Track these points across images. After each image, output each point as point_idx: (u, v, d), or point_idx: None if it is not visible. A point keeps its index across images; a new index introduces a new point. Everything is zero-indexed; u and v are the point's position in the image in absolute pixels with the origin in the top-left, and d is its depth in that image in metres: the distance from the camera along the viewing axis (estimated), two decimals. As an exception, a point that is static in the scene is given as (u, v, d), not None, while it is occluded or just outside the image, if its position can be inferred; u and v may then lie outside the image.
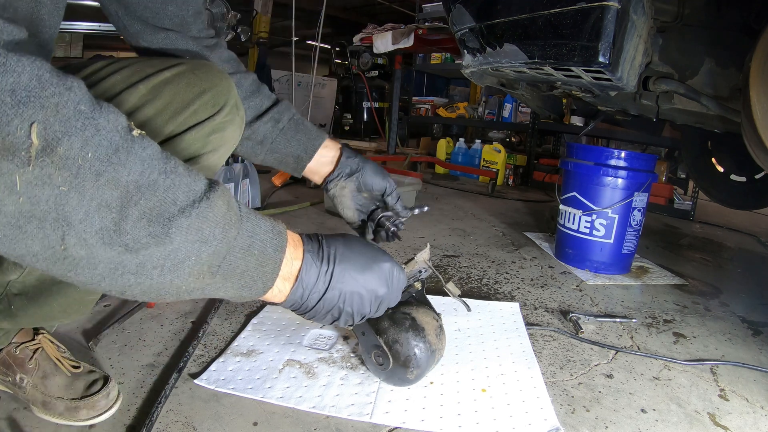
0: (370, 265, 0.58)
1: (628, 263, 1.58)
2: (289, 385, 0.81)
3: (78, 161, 0.32)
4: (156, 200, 0.36)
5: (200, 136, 0.58)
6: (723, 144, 2.04)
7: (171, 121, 0.55)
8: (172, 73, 0.56)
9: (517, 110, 3.60)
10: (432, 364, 0.81)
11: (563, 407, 0.81)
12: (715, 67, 1.16)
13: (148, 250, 0.36)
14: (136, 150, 0.35)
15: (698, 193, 2.59)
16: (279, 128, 0.82)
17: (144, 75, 0.55)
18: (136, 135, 0.35)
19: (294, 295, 0.52)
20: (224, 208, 0.41)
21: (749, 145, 1.00)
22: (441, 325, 0.83)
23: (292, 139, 0.83)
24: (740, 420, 0.82)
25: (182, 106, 0.56)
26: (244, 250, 0.44)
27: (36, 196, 0.31)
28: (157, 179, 0.36)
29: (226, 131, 0.61)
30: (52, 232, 0.32)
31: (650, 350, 1.05)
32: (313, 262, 0.53)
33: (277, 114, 0.82)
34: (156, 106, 0.54)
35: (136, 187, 0.35)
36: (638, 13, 1.05)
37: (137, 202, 0.35)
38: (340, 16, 7.97)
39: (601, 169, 1.48)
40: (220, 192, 0.41)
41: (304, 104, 5.92)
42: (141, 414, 0.72)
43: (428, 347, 0.78)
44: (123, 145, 0.34)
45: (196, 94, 0.57)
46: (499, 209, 2.50)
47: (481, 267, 1.52)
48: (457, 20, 1.39)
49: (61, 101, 0.30)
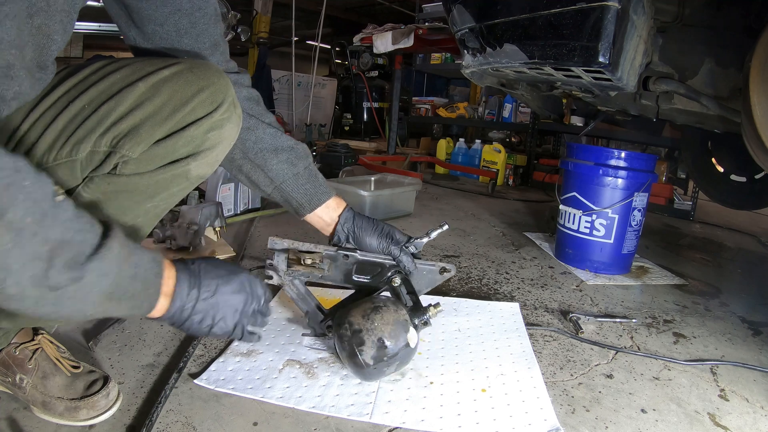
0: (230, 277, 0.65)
1: (628, 263, 1.57)
2: (289, 385, 0.81)
3: (20, 225, 0.41)
4: (73, 252, 0.45)
5: (199, 133, 0.59)
6: (723, 144, 2.04)
7: (170, 119, 0.56)
8: (170, 71, 0.58)
9: (517, 110, 3.60)
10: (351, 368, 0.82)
11: (563, 407, 0.81)
12: (715, 67, 1.16)
13: (66, 288, 0.45)
14: (59, 214, 0.44)
15: (698, 193, 2.59)
16: (293, 172, 0.86)
17: (143, 73, 0.57)
18: (58, 201, 0.44)
19: (173, 308, 0.59)
20: (117, 249, 0.50)
21: (749, 145, 1.00)
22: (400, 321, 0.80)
23: (301, 187, 0.87)
24: (740, 420, 0.82)
25: (181, 104, 0.57)
26: (131, 278, 0.52)
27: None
28: (73, 236, 0.46)
29: (224, 128, 0.62)
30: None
31: (650, 350, 1.04)
32: (185, 280, 0.60)
33: (294, 158, 0.86)
34: (155, 103, 0.56)
35: (60, 243, 0.44)
36: (638, 13, 1.05)
37: (60, 254, 0.44)
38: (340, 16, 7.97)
39: (601, 169, 1.48)
40: (114, 235, 0.49)
41: (304, 104, 5.93)
42: (141, 414, 0.72)
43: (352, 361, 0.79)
44: (50, 212, 0.43)
45: (194, 91, 0.58)
46: (499, 209, 2.50)
47: (481, 267, 1.52)
48: (457, 20, 1.39)
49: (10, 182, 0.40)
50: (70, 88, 0.57)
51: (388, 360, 0.78)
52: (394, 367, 0.80)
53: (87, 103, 0.56)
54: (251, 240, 1.61)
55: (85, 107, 0.55)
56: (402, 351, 0.79)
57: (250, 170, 0.84)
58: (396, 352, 0.78)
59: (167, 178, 0.60)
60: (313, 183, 0.88)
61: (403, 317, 0.81)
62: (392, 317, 0.79)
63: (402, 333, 0.79)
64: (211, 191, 1.79)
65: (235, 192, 1.89)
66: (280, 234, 1.71)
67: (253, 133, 0.82)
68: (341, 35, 6.83)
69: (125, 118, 0.55)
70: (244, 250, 1.49)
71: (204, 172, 0.64)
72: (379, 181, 2.34)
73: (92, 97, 0.56)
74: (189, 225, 1.39)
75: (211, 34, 0.75)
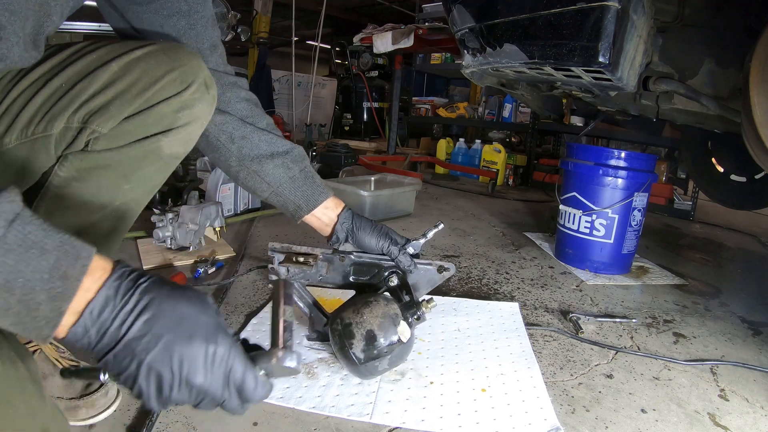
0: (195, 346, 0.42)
1: (628, 263, 1.58)
2: (288, 385, 0.81)
3: None
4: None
5: (169, 111, 0.60)
6: (723, 144, 2.04)
7: (139, 96, 0.58)
8: (143, 51, 0.59)
9: (517, 110, 3.60)
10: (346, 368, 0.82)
11: (563, 407, 0.81)
12: (715, 67, 1.16)
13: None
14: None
15: (698, 193, 2.59)
16: (289, 176, 0.86)
17: (117, 53, 0.59)
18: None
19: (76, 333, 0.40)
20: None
21: (749, 145, 1.00)
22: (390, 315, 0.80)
23: (298, 189, 0.87)
24: (740, 420, 0.82)
25: (150, 83, 0.58)
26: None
27: None
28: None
29: (195, 108, 0.63)
30: None
31: (650, 350, 1.05)
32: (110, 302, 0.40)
33: (290, 162, 0.86)
34: (126, 81, 0.57)
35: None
36: (638, 13, 1.05)
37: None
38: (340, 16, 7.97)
39: (601, 169, 1.48)
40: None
41: (304, 104, 5.93)
42: (141, 414, 0.72)
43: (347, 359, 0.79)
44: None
45: (164, 71, 0.59)
46: (499, 209, 2.50)
47: (481, 267, 1.52)
48: (457, 20, 1.39)
49: None
50: (51, 67, 0.59)
51: (379, 353, 0.78)
52: (386, 362, 0.80)
53: (64, 81, 0.57)
54: (251, 240, 1.61)
55: (62, 85, 0.57)
56: (393, 345, 0.79)
57: (246, 177, 0.85)
58: (386, 346, 0.78)
59: (139, 155, 0.60)
60: (310, 184, 0.89)
61: (393, 311, 0.81)
62: (381, 310, 0.80)
63: (391, 326, 0.79)
64: (211, 191, 1.79)
65: (235, 192, 1.89)
66: (280, 234, 1.71)
67: (249, 141, 0.83)
68: (341, 35, 6.83)
69: (97, 96, 0.57)
70: (244, 250, 1.49)
71: (176, 151, 0.65)
72: (379, 181, 2.34)
73: (69, 75, 0.57)
74: (189, 225, 1.39)
75: (210, 36, 0.77)
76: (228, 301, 1.12)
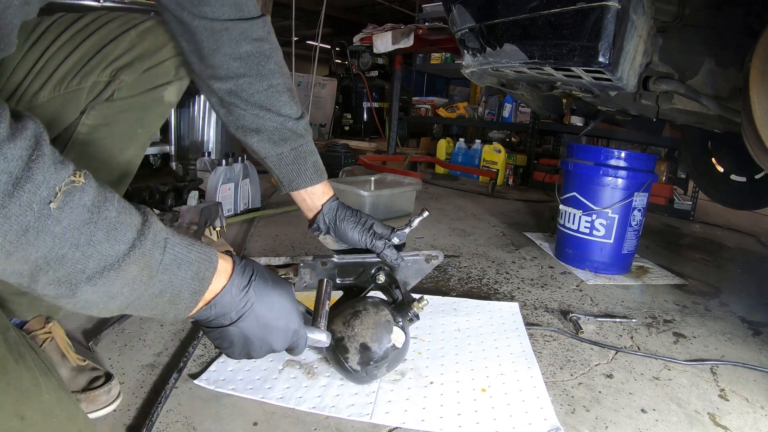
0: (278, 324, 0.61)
1: (628, 263, 1.58)
2: (288, 385, 0.81)
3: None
4: (64, 271, 0.40)
5: (171, 68, 0.76)
6: (723, 144, 2.04)
7: (153, 56, 0.73)
8: (150, 23, 0.74)
9: (517, 110, 3.60)
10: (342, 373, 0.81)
11: (563, 407, 0.81)
12: (715, 67, 1.16)
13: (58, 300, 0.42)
14: (49, 226, 0.38)
15: (698, 193, 2.59)
16: (276, 152, 0.81)
17: (132, 24, 0.72)
18: (54, 208, 0.38)
19: (201, 315, 0.55)
20: (136, 271, 0.44)
21: (749, 145, 1.00)
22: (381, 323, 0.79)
23: (284, 167, 0.83)
24: (740, 420, 0.82)
25: (159, 47, 0.74)
26: (154, 296, 0.48)
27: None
28: (66, 253, 0.39)
29: (184, 66, 0.77)
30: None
31: (650, 350, 1.05)
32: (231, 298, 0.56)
33: (279, 139, 0.80)
34: (144, 45, 0.72)
35: (45, 261, 0.39)
36: (638, 13, 1.05)
37: (46, 272, 0.39)
38: (340, 16, 7.97)
39: (601, 169, 1.48)
40: (138, 255, 0.44)
41: (304, 104, 5.90)
42: (141, 414, 0.72)
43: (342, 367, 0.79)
44: (34, 225, 0.37)
45: (166, 40, 0.74)
46: (499, 209, 2.50)
47: (481, 267, 1.52)
48: (457, 20, 1.39)
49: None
50: (73, 34, 0.70)
51: (376, 363, 0.77)
52: (384, 368, 0.80)
53: (92, 45, 0.69)
54: (251, 240, 1.61)
55: (90, 49, 0.69)
56: (389, 352, 0.78)
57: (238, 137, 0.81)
58: (382, 355, 0.78)
59: (149, 101, 0.75)
60: (298, 165, 0.83)
61: (385, 318, 0.80)
62: (372, 320, 0.78)
63: (385, 334, 0.78)
64: (211, 191, 1.80)
65: (235, 192, 1.89)
66: (280, 234, 1.71)
67: (234, 112, 0.76)
68: (341, 35, 6.83)
69: (123, 56, 0.71)
70: (244, 250, 1.49)
71: (172, 99, 0.78)
72: (379, 181, 2.34)
73: (95, 41, 0.70)
74: (189, 225, 1.39)
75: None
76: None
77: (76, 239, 0.40)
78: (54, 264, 0.39)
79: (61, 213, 0.38)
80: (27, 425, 0.43)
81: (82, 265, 0.40)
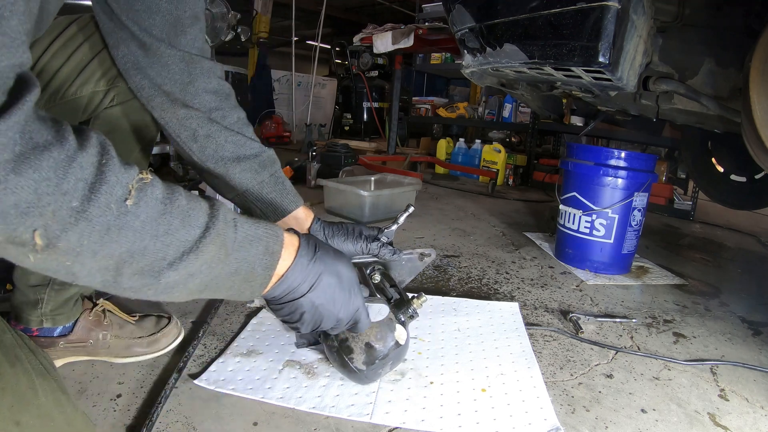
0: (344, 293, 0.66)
1: (628, 263, 1.58)
2: (288, 385, 0.81)
3: (77, 249, 0.38)
4: (147, 261, 0.43)
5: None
6: (723, 144, 2.04)
7: None
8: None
9: (517, 110, 3.60)
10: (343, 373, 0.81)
11: (563, 407, 0.81)
12: (715, 67, 1.16)
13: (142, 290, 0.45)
14: (129, 223, 0.40)
15: (698, 193, 2.59)
16: (258, 180, 0.80)
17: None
18: (130, 205, 0.40)
19: (273, 291, 0.59)
20: (214, 251, 0.48)
21: (749, 145, 1.00)
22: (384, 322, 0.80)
23: (266, 196, 0.82)
24: (740, 420, 0.82)
25: None
26: (230, 274, 0.51)
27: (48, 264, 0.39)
28: (148, 245, 0.42)
29: None
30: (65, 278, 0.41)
31: (650, 350, 1.05)
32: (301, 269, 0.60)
33: (258, 166, 0.80)
34: None
35: (129, 254, 0.41)
36: (638, 13, 1.05)
37: (131, 264, 0.42)
38: (340, 16, 7.97)
39: (601, 169, 1.48)
40: (213, 236, 0.47)
41: (304, 104, 5.93)
42: (141, 414, 0.72)
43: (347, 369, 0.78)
44: (115, 224, 0.40)
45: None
46: (499, 209, 2.50)
47: (481, 267, 1.52)
48: (457, 20, 1.39)
49: (56, 207, 0.36)
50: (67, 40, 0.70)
51: (381, 362, 0.78)
52: (388, 367, 0.80)
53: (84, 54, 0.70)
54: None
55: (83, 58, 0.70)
56: (392, 350, 0.79)
57: (207, 177, 0.80)
58: (387, 353, 0.78)
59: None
60: (280, 191, 0.83)
61: (387, 317, 0.80)
62: (375, 319, 0.79)
63: (389, 333, 0.79)
64: (210, 191, 1.79)
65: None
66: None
67: (213, 141, 0.76)
68: (341, 35, 6.83)
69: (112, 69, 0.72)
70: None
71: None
72: (379, 181, 2.34)
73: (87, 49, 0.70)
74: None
75: (193, 5, 0.70)
76: (228, 302, 1.12)
77: (155, 230, 0.42)
78: (138, 256, 0.42)
79: (137, 208, 0.41)
80: (23, 430, 0.43)
81: (163, 253, 0.43)
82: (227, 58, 5.61)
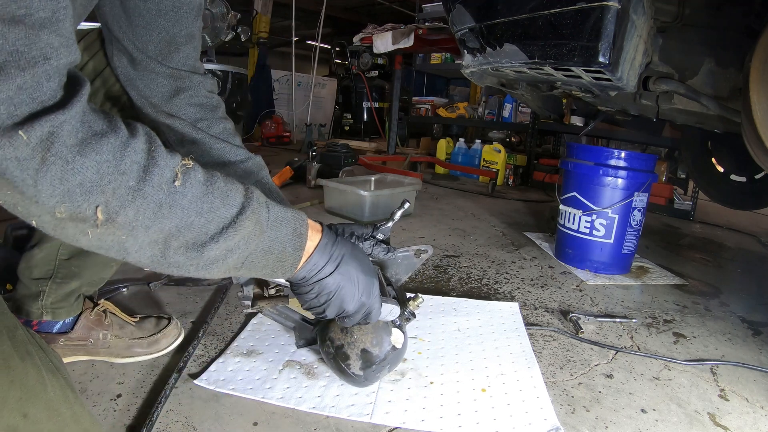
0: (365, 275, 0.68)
1: (628, 263, 1.58)
2: (288, 385, 0.81)
3: (133, 223, 0.43)
4: (192, 235, 0.47)
5: None
6: (723, 144, 2.04)
7: None
8: None
9: (517, 110, 3.60)
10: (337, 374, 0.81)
11: (563, 407, 0.81)
12: (715, 67, 1.16)
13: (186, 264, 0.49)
14: (177, 201, 0.45)
15: (698, 193, 2.59)
16: None
17: None
18: (178, 185, 0.45)
19: (302, 272, 0.62)
20: (250, 227, 0.52)
21: (749, 145, 1.00)
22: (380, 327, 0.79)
23: None
24: (740, 420, 0.82)
25: None
26: (264, 252, 0.56)
27: (103, 240, 0.43)
28: (194, 221, 0.47)
29: None
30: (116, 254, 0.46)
31: (650, 350, 1.04)
32: (327, 250, 0.64)
33: (243, 173, 0.82)
34: None
35: (177, 229, 0.46)
36: (638, 13, 1.05)
37: (177, 238, 0.47)
38: (340, 16, 7.97)
39: (601, 169, 1.48)
40: (249, 213, 0.52)
41: (304, 104, 5.93)
42: (141, 414, 0.72)
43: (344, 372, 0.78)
44: (166, 201, 0.44)
45: None
46: (499, 209, 2.50)
47: (481, 267, 1.52)
48: (457, 20, 1.39)
49: (116, 186, 0.41)
50: None
51: (378, 366, 0.78)
52: (386, 370, 0.80)
53: None
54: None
55: None
56: (389, 354, 0.78)
57: None
58: (383, 357, 0.78)
59: None
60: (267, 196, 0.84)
61: (382, 321, 0.79)
62: (371, 324, 0.78)
63: (385, 337, 0.78)
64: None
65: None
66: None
67: (199, 147, 0.78)
68: (341, 35, 6.83)
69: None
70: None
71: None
72: (379, 181, 2.34)
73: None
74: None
75: (189, 25, 0.73)
76: (228, 302, 1.12)
77: (200, 208, 0.47)
78: (184, 230, 0.47)
79: (185, 188, 0.46)
80: (30, 423, 0.44)
81: (206, 228, 0.48)
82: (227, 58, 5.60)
